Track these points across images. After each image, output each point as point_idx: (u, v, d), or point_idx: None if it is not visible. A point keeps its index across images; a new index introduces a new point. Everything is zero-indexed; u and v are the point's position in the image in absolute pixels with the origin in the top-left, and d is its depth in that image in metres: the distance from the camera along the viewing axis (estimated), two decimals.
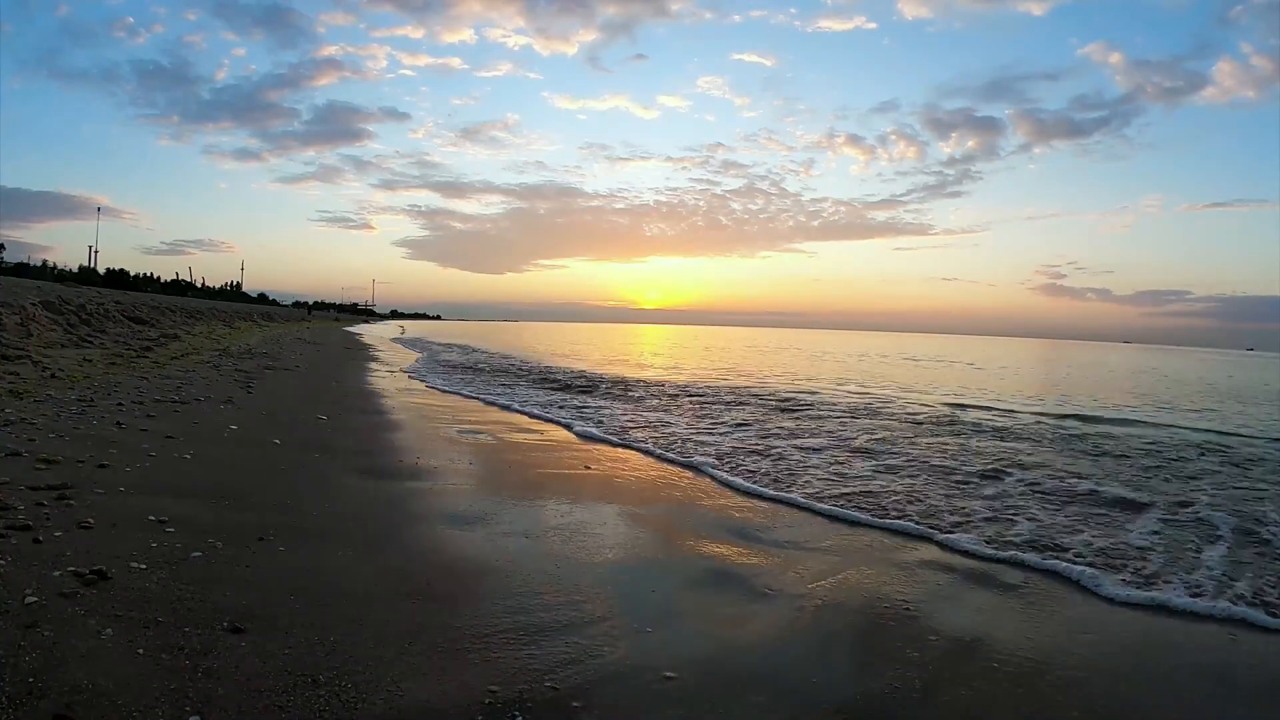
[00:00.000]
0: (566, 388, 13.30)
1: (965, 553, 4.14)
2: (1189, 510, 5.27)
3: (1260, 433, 10.37)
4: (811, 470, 6.27)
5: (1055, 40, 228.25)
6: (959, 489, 5.76)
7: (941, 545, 4.27)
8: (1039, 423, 10.44)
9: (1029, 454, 7.65)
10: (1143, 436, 9.38)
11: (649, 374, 17.65)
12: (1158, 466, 7.17)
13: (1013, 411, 11.86)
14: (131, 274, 54.31)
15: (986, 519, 4.85)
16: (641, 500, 5.04)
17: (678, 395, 12.54)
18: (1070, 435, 9.29)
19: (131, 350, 11.76)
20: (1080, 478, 6.33)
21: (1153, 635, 3.17)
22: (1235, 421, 11.79)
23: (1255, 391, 20.35)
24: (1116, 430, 9.94)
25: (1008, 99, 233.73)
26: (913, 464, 6.72)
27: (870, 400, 12.80)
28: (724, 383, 15.50)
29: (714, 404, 11.28)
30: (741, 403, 11.53)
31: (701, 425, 8.91)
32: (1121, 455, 7.78)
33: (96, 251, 51.33)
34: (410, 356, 21.75)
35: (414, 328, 68.75)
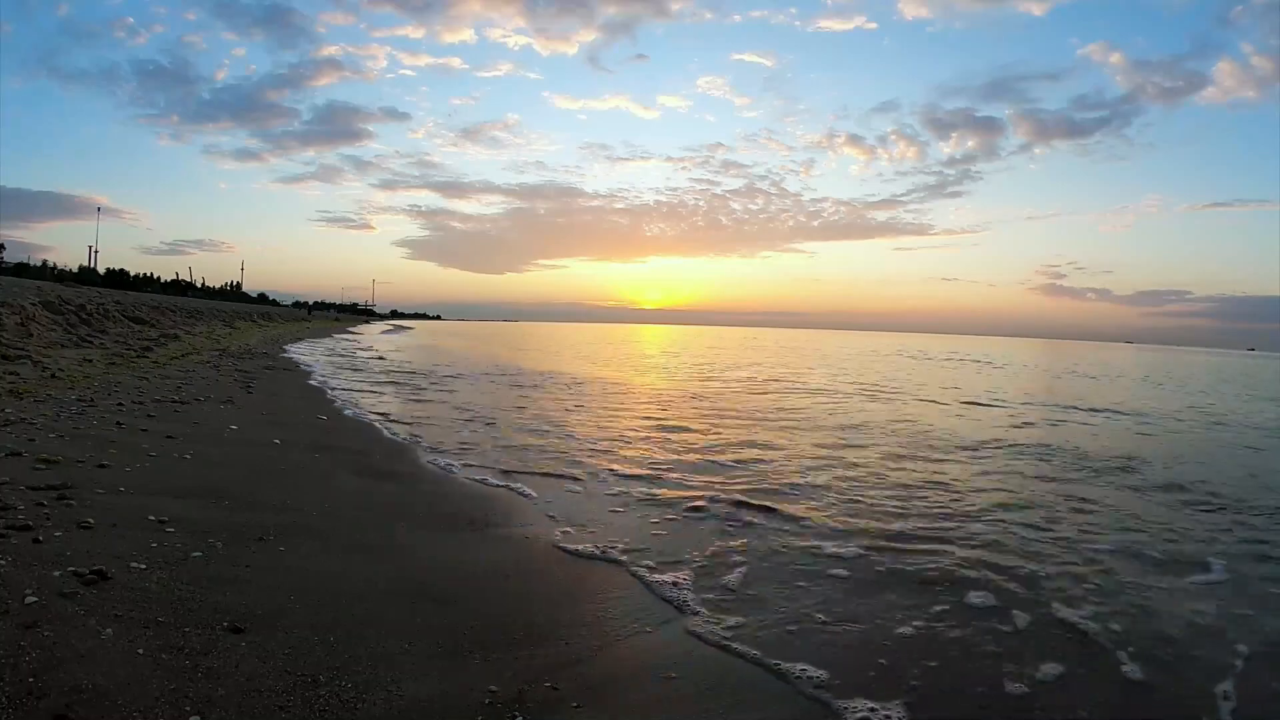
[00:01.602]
0: None
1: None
2: None
3: None
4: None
5: (1055, 40, 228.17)
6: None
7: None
8: None
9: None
10: None
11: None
12: None
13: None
14: (131, 274, 54.29)
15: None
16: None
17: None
18: None
19: (131, 350, 11.75)
20: None
21: None
22: None
23: None
24: None
25: (1008, 99, 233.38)
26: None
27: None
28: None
29: None
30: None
31: None
32: None
33: (96, 251, 51.22)
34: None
35: (406, 328, 68.79)
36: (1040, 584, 3.61)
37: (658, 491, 5.31)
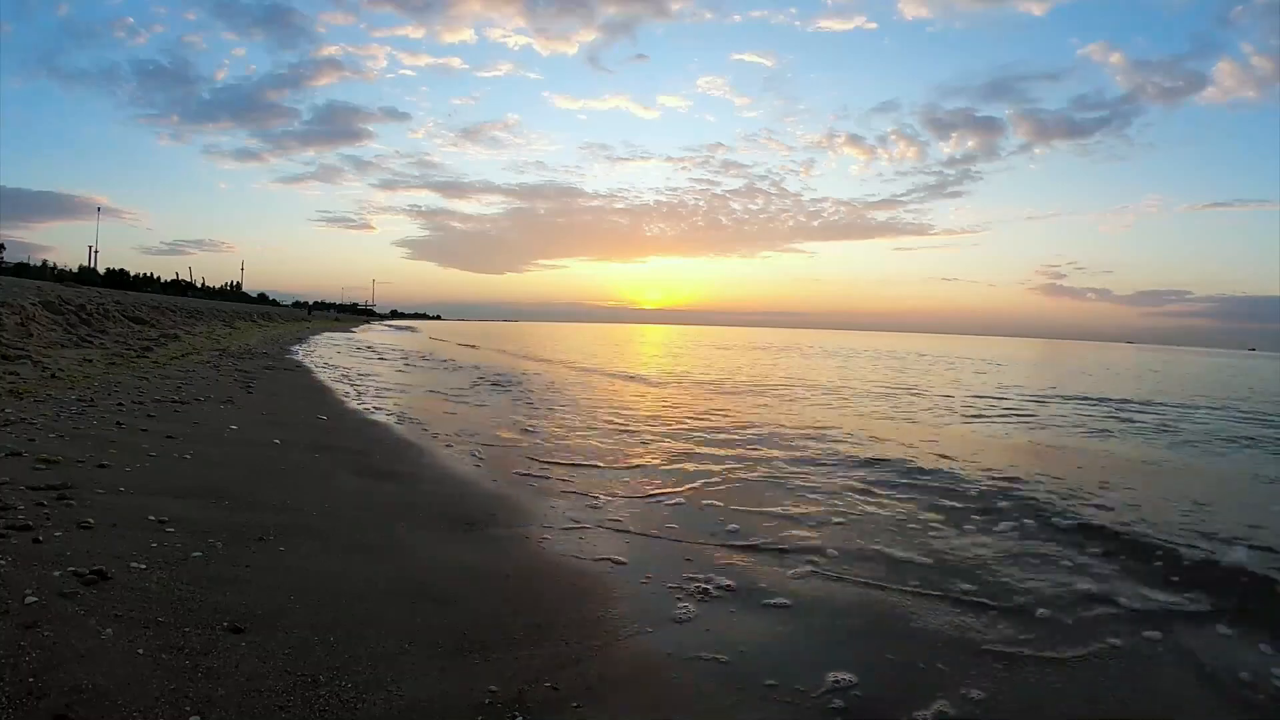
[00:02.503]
0: None
1: None
2: None
3: None
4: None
5: (1055, 40, 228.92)
6: None
7: None
8: None
9: None
10: None
11: None
12: None
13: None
14: (131, 274, 54.46)
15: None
16: None
17: None
18: None
19: (131, 350, 11.75)
20: None
21: None
22: None
23: None
24: None
25: (1008, 99, 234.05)
26: None
27: None
28: None
29: None
30: None
31: None
32: None
33: (96, 251, 51.34)
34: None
35: (410, 328, 68.87)
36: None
37: (664, 497, 5.31)
